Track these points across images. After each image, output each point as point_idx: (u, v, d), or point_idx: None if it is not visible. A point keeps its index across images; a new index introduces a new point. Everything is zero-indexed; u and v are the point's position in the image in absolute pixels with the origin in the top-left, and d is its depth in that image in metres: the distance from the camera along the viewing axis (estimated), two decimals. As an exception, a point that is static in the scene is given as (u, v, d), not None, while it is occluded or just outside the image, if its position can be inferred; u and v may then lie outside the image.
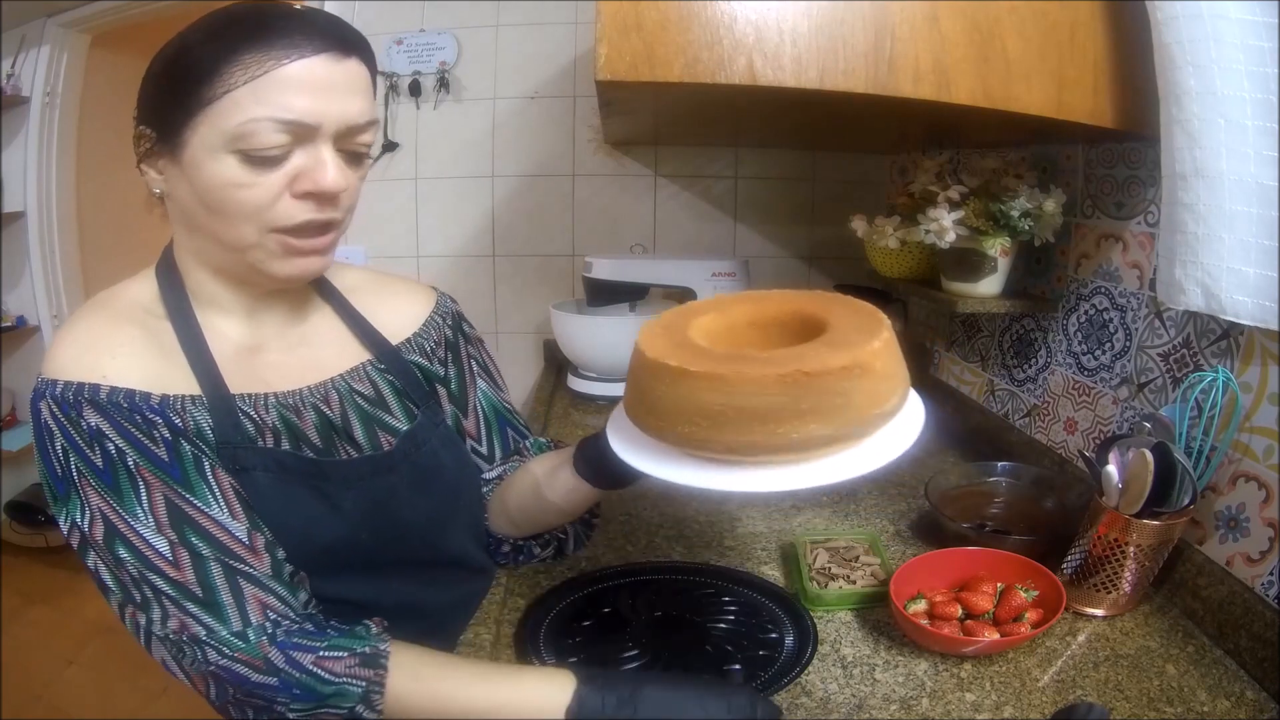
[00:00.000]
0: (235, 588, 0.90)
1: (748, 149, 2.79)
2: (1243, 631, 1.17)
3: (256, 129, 0.87)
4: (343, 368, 1.14)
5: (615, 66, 1.14)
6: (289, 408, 1.05)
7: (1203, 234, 1.15)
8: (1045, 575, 1.25)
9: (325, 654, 0.90)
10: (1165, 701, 1.09)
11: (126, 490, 0.89)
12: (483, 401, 1.31)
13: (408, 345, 1.22)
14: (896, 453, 0.94)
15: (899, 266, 2.01)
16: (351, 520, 1.05)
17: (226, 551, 0.91)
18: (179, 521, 0.89)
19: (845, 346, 0.85)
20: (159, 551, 0.88)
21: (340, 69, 0.92)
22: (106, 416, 0.89)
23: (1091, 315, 1.64)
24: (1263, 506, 1.20)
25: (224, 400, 0.99)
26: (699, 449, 0.89)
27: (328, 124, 0.91)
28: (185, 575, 0.89)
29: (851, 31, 1.18)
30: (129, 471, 0.89)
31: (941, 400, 2.25)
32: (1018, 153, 1.86)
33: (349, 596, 1.07)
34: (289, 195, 0.93)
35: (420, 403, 1.19)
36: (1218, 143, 1.12)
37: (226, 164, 0.89)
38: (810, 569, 1.36)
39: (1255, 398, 1.22)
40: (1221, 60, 1.10)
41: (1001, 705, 1.08)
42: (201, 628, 0.89)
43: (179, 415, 0.95)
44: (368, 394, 1.14)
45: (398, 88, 2.69)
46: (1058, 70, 1.26)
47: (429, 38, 2.66)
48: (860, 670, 1.16)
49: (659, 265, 2.49)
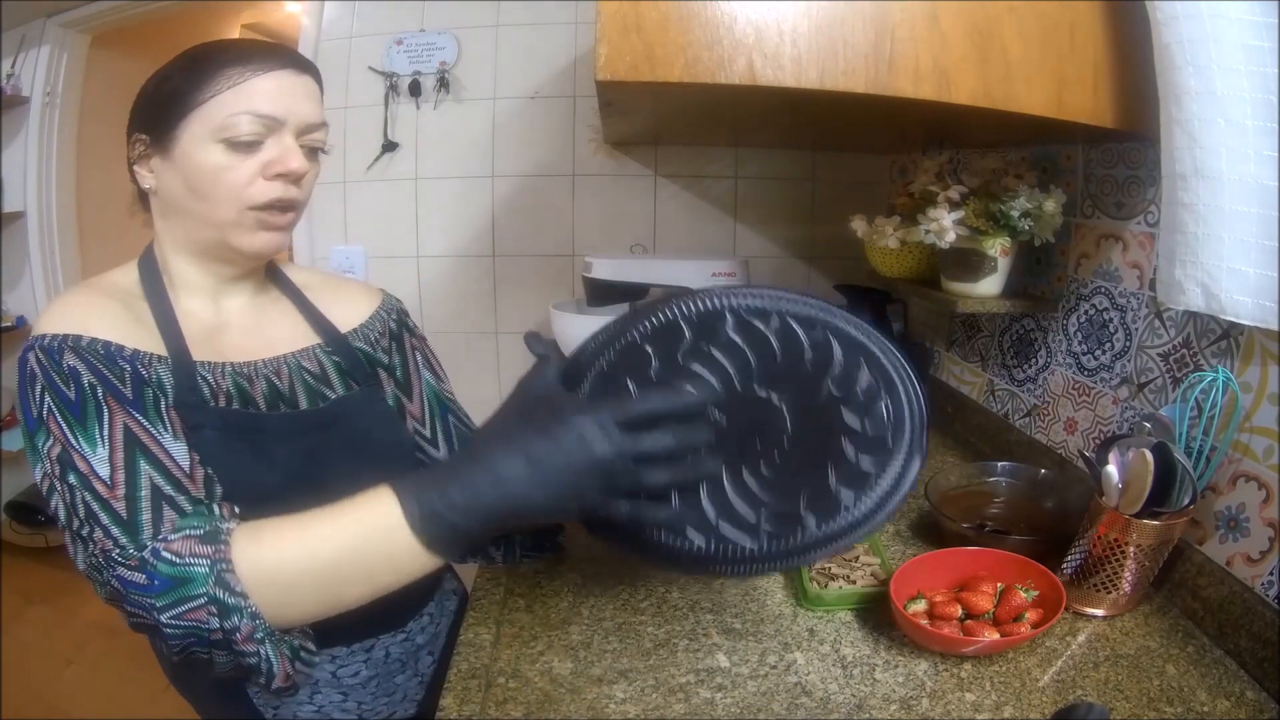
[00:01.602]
0: (157, 510, 0.96)
1: (747, 149, 2.79)
2: (1243, 631, 1.17)
3: (238, 121, 1.09)
4: (294, 347, 1.27)
5: (615, 67, 1.16)
6: (243, 375, 1.19)
7: (1202, 234, 1.16)
8: (1045, 575, 1.26)
9: (170, 536, 0.94)
10: (1165, 701, 1.09)
11: (90, 421, 0.99)
12: (427, 390, 1.44)
13: (354, 334, 1.36)
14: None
15: (899, 266, 2.01)
16: (284, 472, 1.15)
17: (167, 473, 1.00)
18: (132, 444, 0.99)
19: None
20: (100, 476, 0.96)
21: (299, 81, 1.15)
22: (83, 359, 1.02)
23: (1091, 315, 1.64)
24: (1263, 506, 1.20)
25: (186, 364, 1.13)
26: None
27: (292, 120, 1.13)
28: (117, 495, 0.96)
29: (852, 32, 1.18)
30: (97, 401, 1.00)
31: (941, 400, 2.25)
32: (1018, 153, 1.86)
33: None
34: (262, 178, 1.12)
35: (362, 382, 1.32)
36: (1217, 142, 1.12)
37: (213, 151, 1.10)
38: (810, 569, 1.36)
39: (1255, 398, 1.22)
40: (1221, 60, 1.10)
41: (1001, 705, 1.08)
42: (112, 543, 0.94)
43: (145, 369, 1.08)
44: (314, 371, 1.28)
45: (398, 88, 2.69)
46: (1058, 70, 1.26)
47: (429, 38, 2.66)
48: (860, 670, 1.16)
49: (659, 265, 2.48)
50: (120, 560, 0.93)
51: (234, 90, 1.09)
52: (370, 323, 1.38)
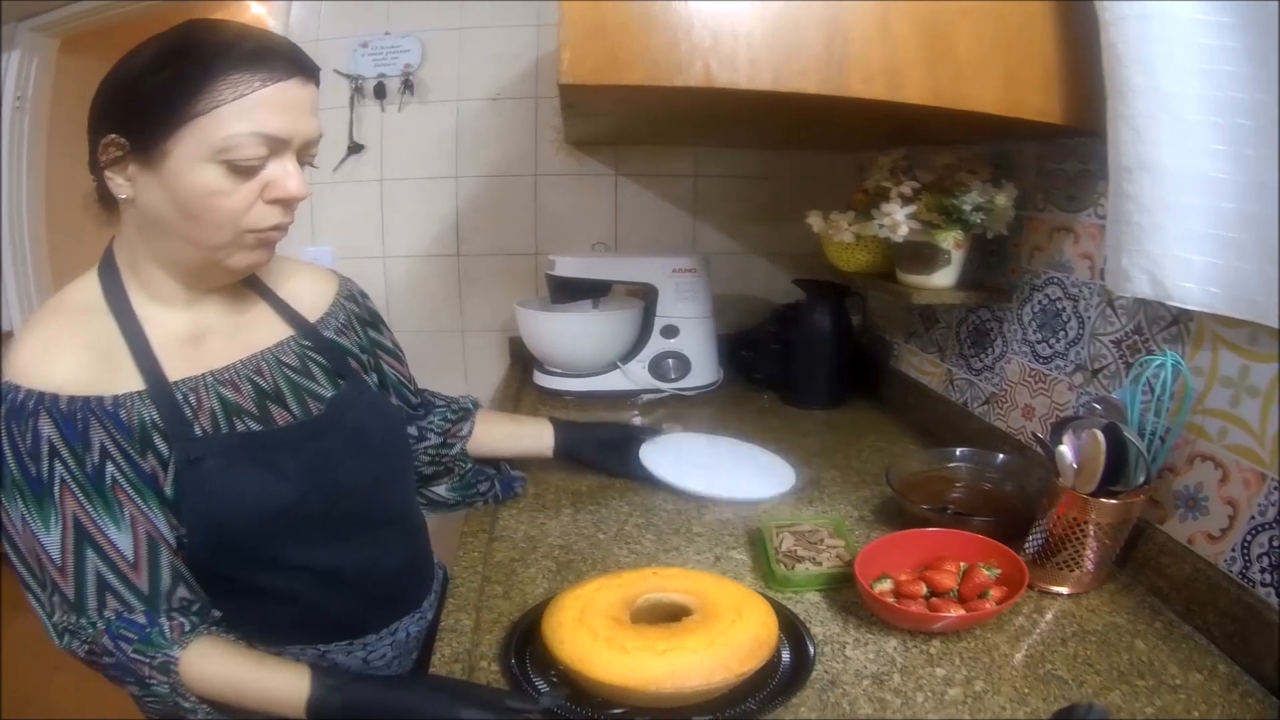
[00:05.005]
0: (100, 594, 1.04)
1: (707, 148, 2.82)
2: (1210, 608, 1.20)
3: (242, 142, 1.01)
4: (271, 343, 1.26)
5: (579, 70, 1.18)
6: (225, 384, 1.18)
7: (1147, 224, 1.20)
8: (1007, 554, 1.28)
9: (132, 653, 1.04)
10: (1136, 675, 1.12)
11: (46, 505, 1.02)
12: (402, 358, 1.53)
13: (322, 323, 1.35)
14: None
15: (855, 261, 2.05)
16: (297, 484, 1.18)
17: (112, 565, 1.05)
18: (80, 536, 1.03)
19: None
20: (52, 558, 1.02)
21: (305, 92, 1.07)
22: (56, 424, 1.02)
23: (1045, 305, 1.68)
24: (1220, 485, 1.24)
25: (165, 390, 1.11)
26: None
27: (296, 139, 1.07)
28: (67, 580, 1.03)
29: (804, 34, 1.22)
30: (53, 489, 1.02)
31: (902, 391, 2.29)
32: (972, 149, 1.89)
33: (313, 564, 1.23)
34: (261, 202, 1.07)
35: (344, 374, 1.33)
36: (1161, 137, 1.17)
37: (210, 173, 1.02)
38: (777, 552, 1.39)
39: (1207, 381, 1.26)
40: (1168, 58, 1.14)
41: (972, 680, 1.11)
42: (70, 618, 1.04)
43: (127, 412, 1.08)
44: (294, 365, 1.27)
45: (363, 90, 2.69)
46: (1008, 70, 1.30)
47: (393, 40, 2.67)
48: (831, 649, 1.17)
49: (621, 263, 2.53)
50: (81, 637, 1.05)
51: (238, 104, 1.00)
52: (334, 310, 1.37)
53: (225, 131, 1.00)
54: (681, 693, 0.99)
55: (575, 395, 2.46)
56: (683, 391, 2.46)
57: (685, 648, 1.01)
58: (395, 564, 1.36)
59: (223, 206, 1.04)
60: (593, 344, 2.46)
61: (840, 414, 2.32)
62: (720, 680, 1.00)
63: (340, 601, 1.28)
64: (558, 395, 2.46)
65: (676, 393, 2.46)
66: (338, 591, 1.26)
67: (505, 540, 1.52)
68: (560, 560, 1.44)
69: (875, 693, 1.08)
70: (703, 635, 1.03)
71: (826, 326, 2.30)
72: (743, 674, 1.02)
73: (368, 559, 1.30)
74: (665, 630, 1.05)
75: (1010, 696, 1.07)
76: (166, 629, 1.06)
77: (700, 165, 2.84)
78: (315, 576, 1.23)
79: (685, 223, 2.89)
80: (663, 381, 2.45)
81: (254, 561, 1.18)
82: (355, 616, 1.31)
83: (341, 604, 1.28)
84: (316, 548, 1.22)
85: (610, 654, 1.01)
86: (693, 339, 2.47)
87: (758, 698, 1.05)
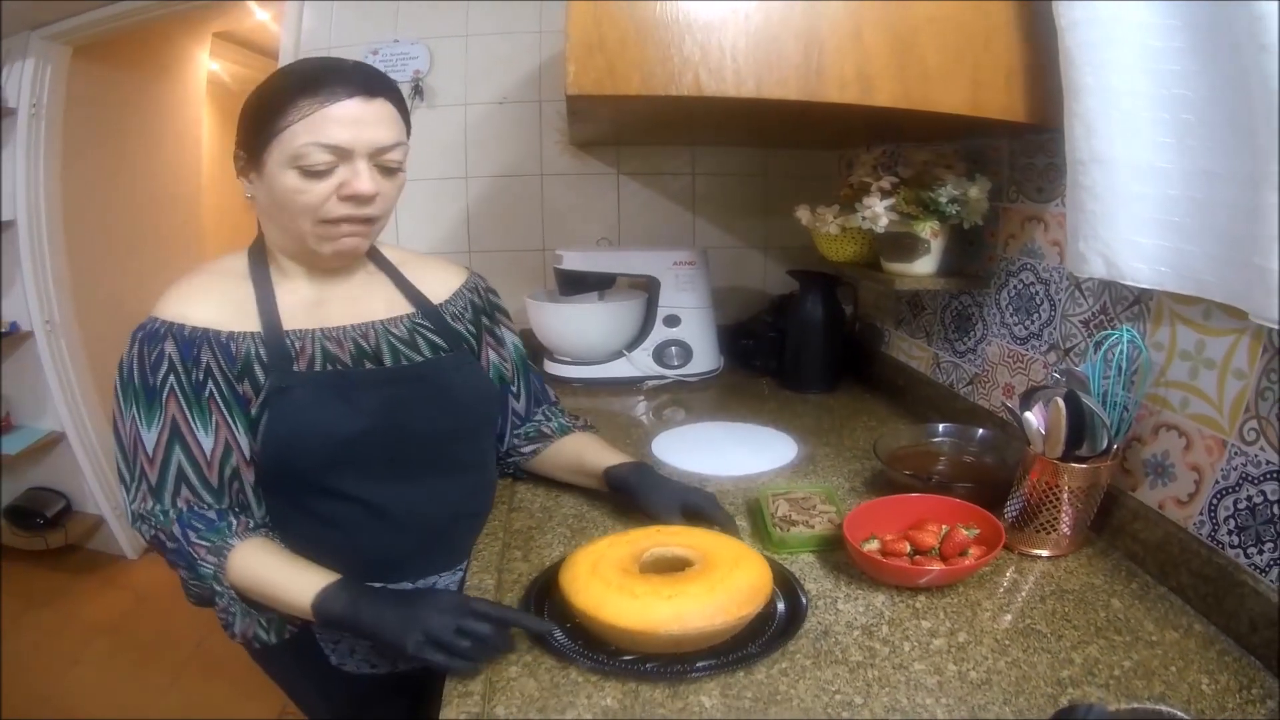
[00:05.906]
0: (177, 484, 1.27)
1: (703, 147, 2.89)
2: (1183, 569, 1.26)
3: (309, 151, 1.22)
4: (386, 315, 1.45)
5: (582, 82, 1.33)
6: (331, 339, 1.37)
7: (1101, 211, 1.30)
8: (986, 517, 1.36)
9: (195, 539, 1.24)
10: (1114, 630, 1.17)
11: (154, 409, 1.26)
12: (514, 354, 1.67)
13: (444, 306, 1.53)
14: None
15: (843, 251, 2.15)
16: (368, 417, 1.34)
17: (192, 459, 1.27)
18: (174, 434, 1.27)
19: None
20: (147, 450, 1.26)
21: (369, 107, 1.25)
22: (178, 345, 1.27)
23: (1020, 289, 1.77)
24: (1184, 452, 1.31)
25: (276, 334, 1.33)
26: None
27: (359, 147, 1.24)
28: (154, 469, 1.27)
29: (784, 47, 1.34)
30: (161, 397, 1.26)
31: (893, 374, 2.38)
32: (949, 146, 1.98)
33: (366, 498, 1.37)
34: (335, 198, 1.26)
35: (451, 347, 1.49)
36: (1112, 132, 1.26)
37: (289, 176, 1.24)
38: (773, 517, 1.48)
39: (1167, 355, 1.34)
40: (1117, 60, 1.23)
41: (955, 631, 1.18)
42: (147, 504, 1.27)
43: (238, 346, 1.30)
44: (402, 336, 1.44)
45: (374, 96, 2.76)
46: (973, 73, 1.40)
47: (403, 48, 2.72)
48: (824, 602, 1.26)
49: (625, 256, 2.62)
50: (153, 523, 1.26)
51: (305, 122, 1.21)
52: (454, 299, 1.56)
53: (296, 143, 1.21)
54: (686, 634, 1.08)
55: (583, 382, 2.56)
56: (685, 378, 2.56)
57: (688, 593, 1.11)
58: (445, 516, 1.46)
59: (301, 202, 1.25)
60: (599, 333, 2.56)
61: (834, 397, 2.41)
62: (721, 623, 1.09)
63: (384, 540, 1.39)
64: (567, 382, 2.56)
65: (680, 379, 2.55)
66: (384, 529, 1.38)
67: (523, 510, 1.62)
68: (574, 528, 1.54)
69: (865, 641, 1.16)
70: (704, 582, 1.14)
71: (819, 315, 2.40)
72: (741, 617, 1.12)
73: (420, 502, 1.41)
74: (670, 578, 1.16)
75: (991, 647, 1.14)
76: (234, 523, 1.28)
77: (697, 163, 2.91)
78: (365, 510, 1.36)
79: (684, 218, 2.97)
80: (666, 368, 2.54)
81: (312, 486, 1.34)
82: (393, 559, 1.42)
83: (384, 543, 1.39)
84: (371, 481, 1.36)
85: (621, 599, 1.12)
86: (694, 328, 2.56)
87: (758, 643, 1.15)
